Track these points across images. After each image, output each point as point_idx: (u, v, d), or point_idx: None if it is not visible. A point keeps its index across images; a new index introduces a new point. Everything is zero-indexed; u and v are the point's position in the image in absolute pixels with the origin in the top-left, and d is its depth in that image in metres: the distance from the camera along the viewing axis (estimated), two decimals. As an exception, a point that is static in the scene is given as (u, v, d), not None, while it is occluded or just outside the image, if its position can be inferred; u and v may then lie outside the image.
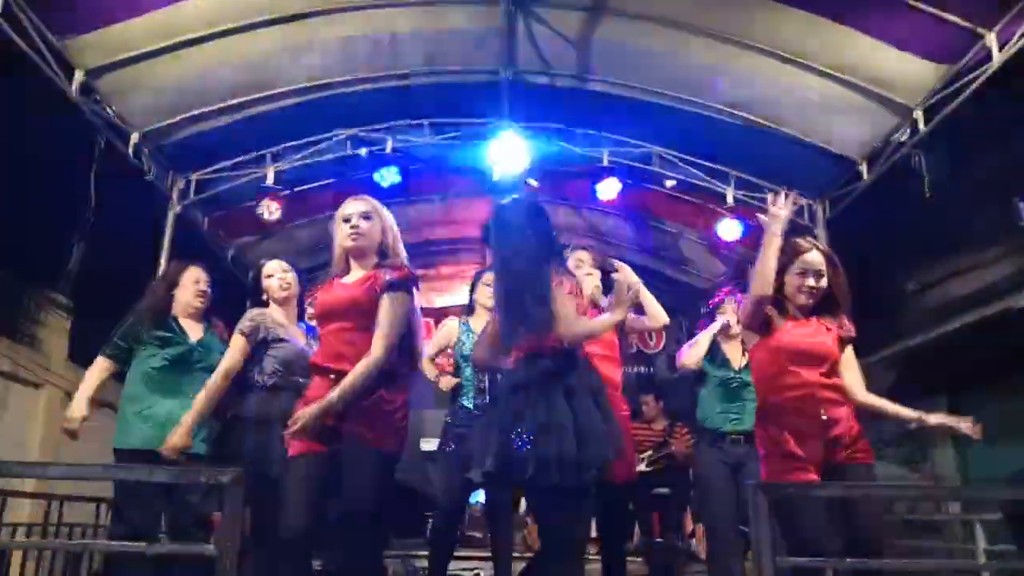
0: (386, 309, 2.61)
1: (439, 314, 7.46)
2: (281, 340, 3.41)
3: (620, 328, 3.48)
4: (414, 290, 2.72)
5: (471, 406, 3.78)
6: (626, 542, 3.51)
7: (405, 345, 2.67)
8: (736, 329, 3.91)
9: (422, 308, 2.91)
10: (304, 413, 2.48)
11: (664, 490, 6.27)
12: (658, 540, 6.23)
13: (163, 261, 5.78)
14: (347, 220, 2.75)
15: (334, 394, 2.49)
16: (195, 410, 3.15)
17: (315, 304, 2.89)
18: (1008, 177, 5.41)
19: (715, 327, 3.96)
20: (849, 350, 2.88)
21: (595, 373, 2.68)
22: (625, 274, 3.33)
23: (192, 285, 3.61)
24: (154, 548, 1.89)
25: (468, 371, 3.85)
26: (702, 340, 3.94)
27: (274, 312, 3.53)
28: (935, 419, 2.82)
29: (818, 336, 2.78)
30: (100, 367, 3.71)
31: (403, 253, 2.80)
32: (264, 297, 3.58)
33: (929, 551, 5.83)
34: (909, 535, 6.09)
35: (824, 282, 2.84)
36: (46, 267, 6.87)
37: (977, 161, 5.63)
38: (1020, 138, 5.19)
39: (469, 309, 4.07)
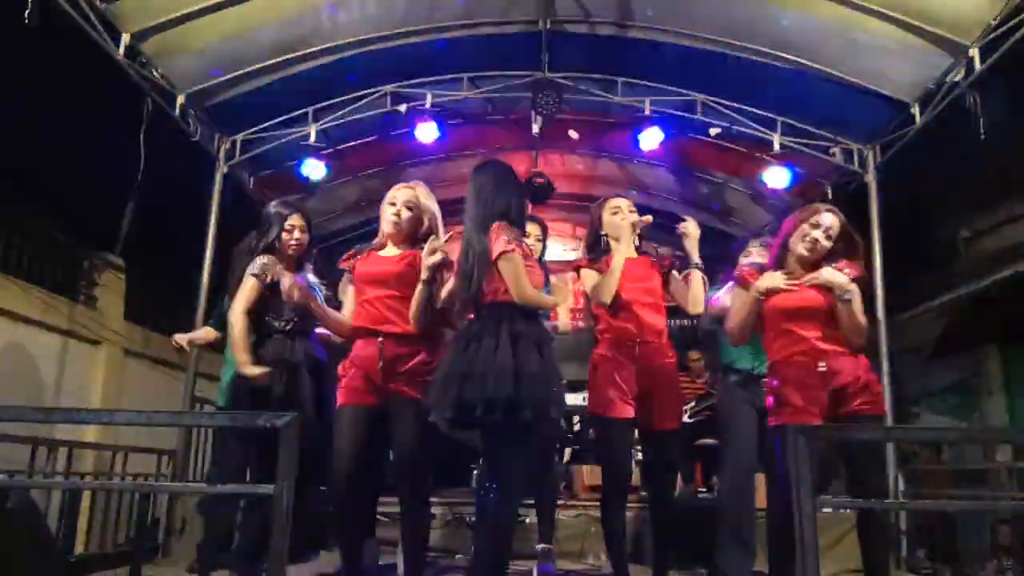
0: (417, 295, 2.92)
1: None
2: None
3: (665, 280, 3.49)
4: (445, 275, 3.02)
5: None
6: (671, 490, 3.53)
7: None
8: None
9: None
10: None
11: (709, 441, 6.31)
12: (701, 489, 6.29)
13: (212, 222, 5.91)
14: (392, 204, 3.09)
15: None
16: (241, 350, 3.26)
17: (355, 272, 3.13)
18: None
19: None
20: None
21: (542, 327, 2.92)
22: (691, 227, 3.50)
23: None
24: (213, 489, 2.00)
25: None
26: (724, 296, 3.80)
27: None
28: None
29: (806, 292, 2.94)
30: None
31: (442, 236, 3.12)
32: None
33: (978, 514, 5.78)
34: (955, 484, 6.02)
35: (828, 244, 2.98)
36: (101, 229, 7.11)
37: (1037, 101, 5.41)
38: (1083, 75, 4.97)
39: None
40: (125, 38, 4.88)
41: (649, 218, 3.47)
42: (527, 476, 3.06)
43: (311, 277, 3.50)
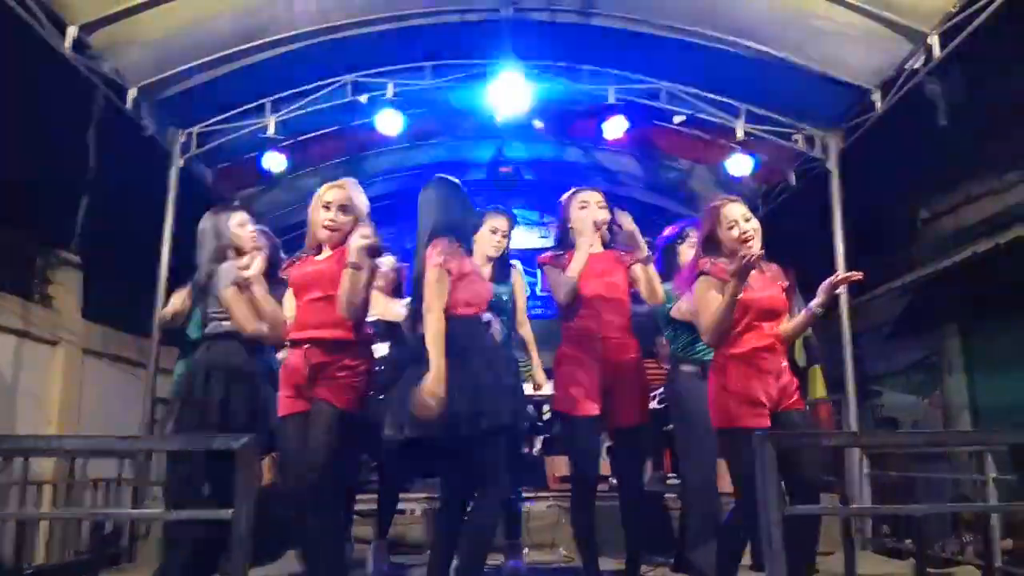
0: (343, 279, 2.88)
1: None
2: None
3: (628, 269, 3.45)
4: (375, 266, 3.05)
5: None
6: (639, 484, 3.53)
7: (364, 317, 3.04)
8: None
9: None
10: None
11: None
12: (670, 475, 6.34)
13: (169, 216, 5.76)
14: (326, 208, 3.03)
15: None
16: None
17: (291, 280, 3.08)
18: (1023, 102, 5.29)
19: None
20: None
21: (489, 335, 3.01)
22: (625, 221, 3.40)
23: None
24: (168, 515, 1.94)
25: None
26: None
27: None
28: (822, 294, 2.95)
29: (771, 290, 2.99)
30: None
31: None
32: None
33: (938, 483, 5.92)
34: (918, 466, 6.16)
35: (755, 223, 2.98)
36: (56, 227, 6.90)
37: (992, 87, 5.49)
38: (1038, 62, 5.05)
39: None
40: (72, 31, 4.71)
41: (606, 234, 3.45)
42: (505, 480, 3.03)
43: None
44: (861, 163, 6.18)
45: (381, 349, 3.84)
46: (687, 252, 3.73)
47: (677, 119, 6.38)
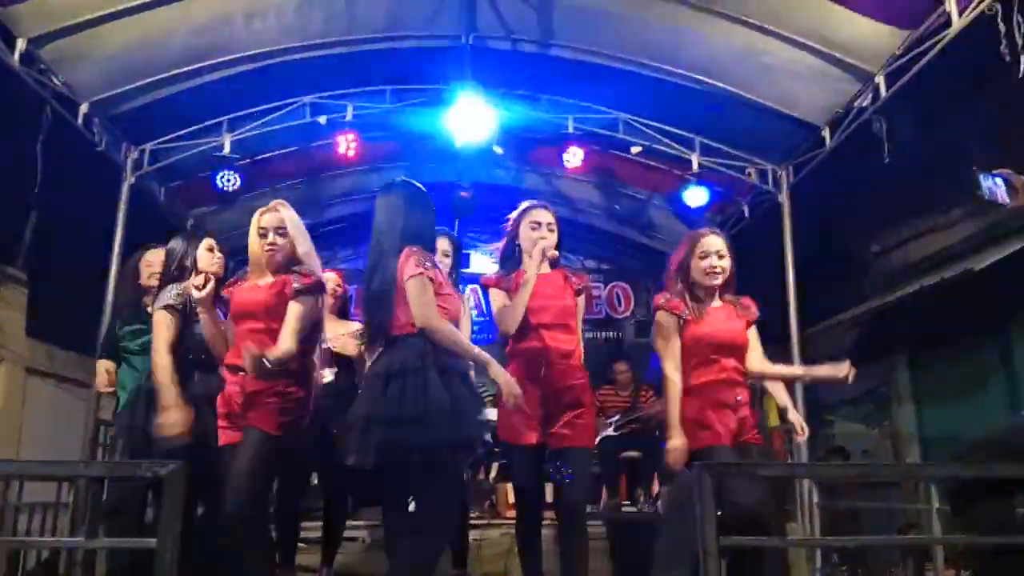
0: (293, 310, 2.89)
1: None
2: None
3: (577, 295, 3.37)
4: (321, 296, 3.06)
5: None
6: (580, 511, 3.41)
7: (308, 345, 3.00)
8: None
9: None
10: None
11: (634, 453, 6.38)
12: (625, 502, 6.35)
13: (119, 232, 5.66)
14: (263, 234, 3.00)
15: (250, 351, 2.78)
16: (169, 393, 3.13)
17: (230, 305, 3.06)
18: (967, 141, 5.45)
19: None
20: (754, 329, 3.17)
21: (455, 357, 2.79)
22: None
23: (146, 270, 3.58)
24: (92, 543, 1.86)
25: None
26: None
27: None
28: (819, 371, 3.16)
29: (733, 324, 3.07)
30: (104, 368, 3.76)
31: (315, 261, 3.09)
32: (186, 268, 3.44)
33: (885, 512, 5.99)
34: (867, 493, 6.23)
35: (727, 262, 3.07)
36: (1, 243, 6.70)
37: (937, 126, 5.66)
38: (978, 103, 5.22)
39: None
40: (20, 44, 4.62)
41: (555, 254, 3.33)
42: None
43: None
44: (811, 197, 6.33)
45: (327, 375, 3.81)
46: None
47: (635, 150, 6.48)
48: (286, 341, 2.84)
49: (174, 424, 3.04)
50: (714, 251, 3.05)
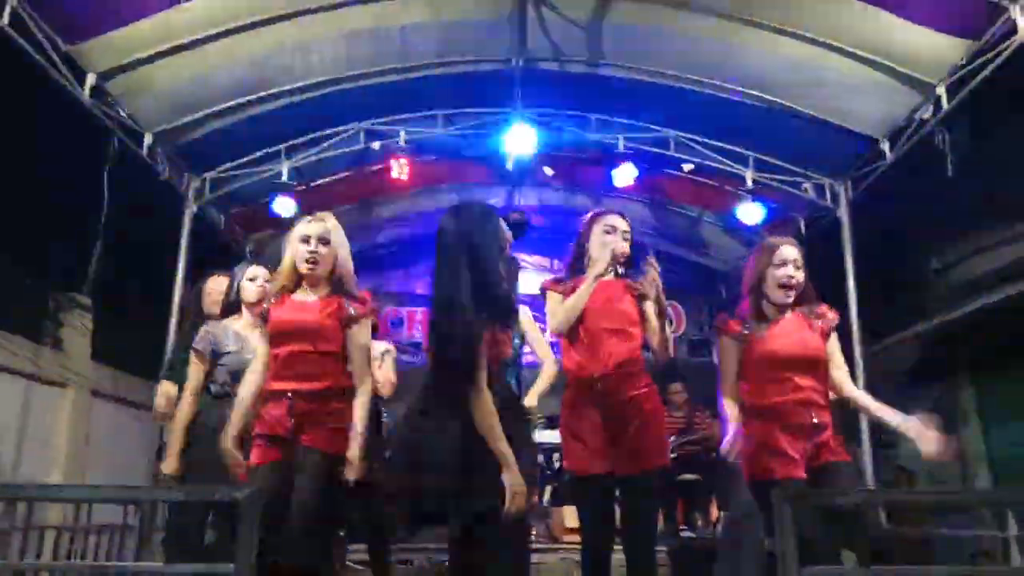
0: (358, 342, 2.80)
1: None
2: (228, 352, 3.34)
3: (641, 300, 3.07)
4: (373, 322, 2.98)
5: None
6: (650, 543, 3.22)
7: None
8: None
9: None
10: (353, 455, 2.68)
11: (691, 476, 6.24)
12: (682, 527, 6.22)
13: (182, 260, 5.81)
14: (306, 240, 2.81)
15: (360, 427, 2.72)
16: (176, 435, 3.23)
17: (270, 321, 2.82)
18: (1034, 152, 5.29)
19: None
20: (834, 339, 2.86)
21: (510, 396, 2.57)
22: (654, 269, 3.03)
23: (207, 298, 3.65)
24: (172, 568, 1.89)
25: None
26: None
27: (234, 321, 3.44)
28: (905, 428, 2.77)
29: (805, 336, 2.79)
30: (164, 391, 3.72)
31: (353, 279, 2.90)
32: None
33: (957, 537, 5.76)
34: (936, 518, 6.01)
35: (802, 275, 2.84)
36: (68, 269, 6.94)
37: (1001, 137, 5.50)
38: (1047, 112, 5.06)
39: None
40: (90, 78, 4.82)
41: (627, 252, 3.05)
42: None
43: None
44: (871, 211, 6.18)
45: None
46: None
47: (686, 167, 6.42)
48: (365, 376, 2.80)
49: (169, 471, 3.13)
50: (791, 260, 2.82)
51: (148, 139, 5.46)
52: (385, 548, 4.03)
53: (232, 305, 3.42)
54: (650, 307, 3.02)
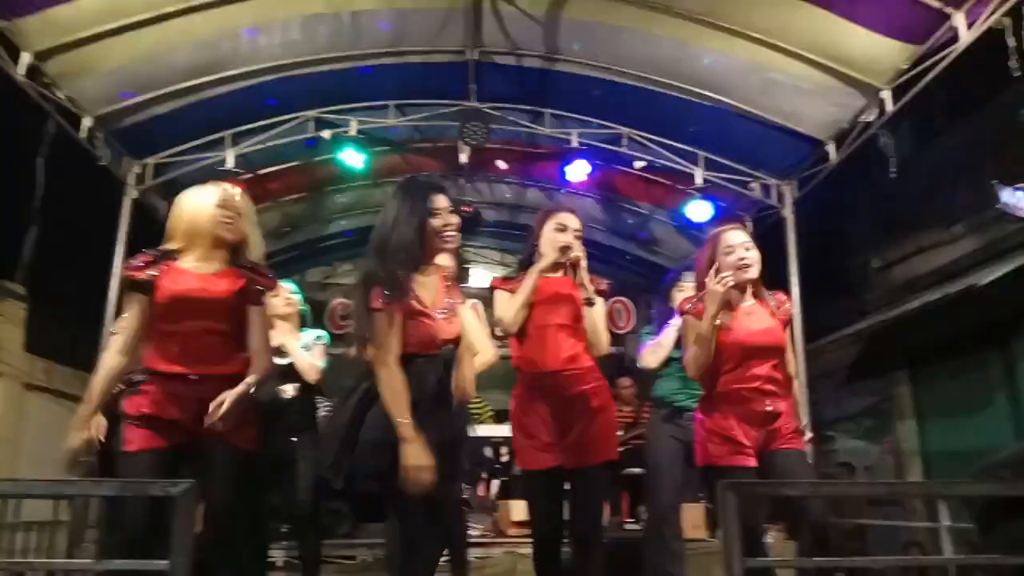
0: (260, 323, 2.65)
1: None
2: None
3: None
4: None
5: None
6: (596, 539, 3.24)
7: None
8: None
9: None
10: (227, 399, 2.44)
11: (636, 470, 6.31)
12: (628, 520, 6.28)
13: (120, 249, 5.61)
14: (222, 207, 2.63)
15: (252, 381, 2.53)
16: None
17: (162, 291, 2.52)
18: (972, 156, 5.47)
19: (675, 328, 3.73)
20: (788, 328, 2.92)
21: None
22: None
23: None
24: (98, 565, 1.80)
25: None
26: (664, 342, 3.82)
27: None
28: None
29: (766, 326, 2.83)
30: None
31: (259, 251, 2.79)
32: None
33: (891, 528, 5.96)
34: (871, 511, 6.19)
35: (755, 253, 2.87)
36: (0, 257, 6.66)
37: (943, 141, 5.67)
38: (984, 118, 5.23)
39: None
40: (25, 57, 4.60)
41: (578, 256, 3.01)
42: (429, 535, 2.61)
43: None
44: (815, 212, 6.32)
45: (288, 390, 3.77)
46: (678, 297, 3.69)
47: (638, 164, 6.47)
48: (265, 357, 2.65)
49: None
50: (739, 243, 2.85)
51: (87, 122, 5.23)
52: (317, 547, 3.96)
53: None
54: (594, 310, 3.02)
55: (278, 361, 3.79)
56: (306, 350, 3.86)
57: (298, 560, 3.98)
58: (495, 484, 6.41)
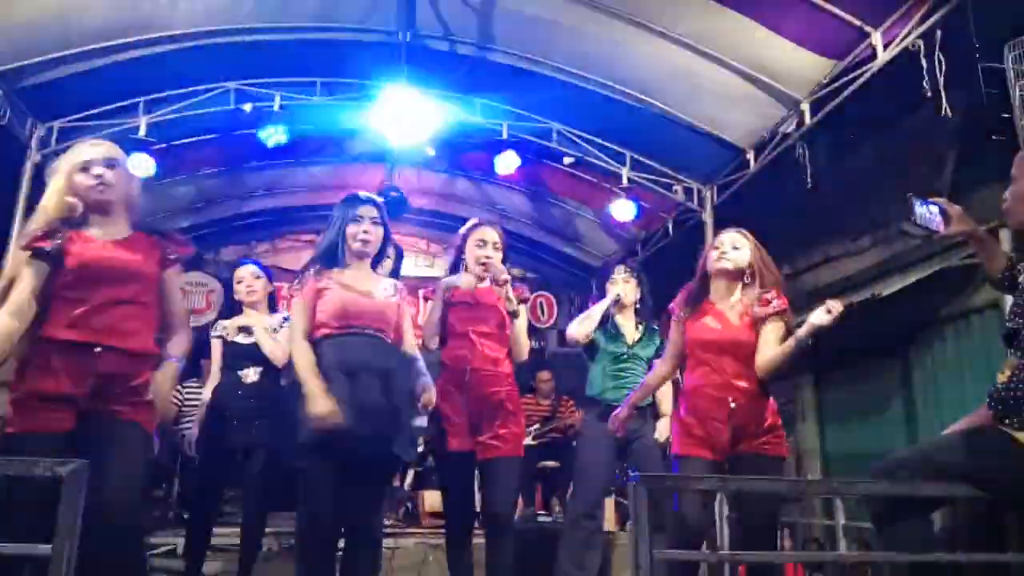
0: (176, 291, 2.62)
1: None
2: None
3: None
4: None
5: None
6: (507, 523, 3.37)
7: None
8: (629, 300, 4.04)
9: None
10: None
11: (551, 463, 6.37)
12: (541, 512, 6.33)
13: (19, 215, 5.27)
14: (86, 168, 2.39)
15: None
16: None
17: (72, 257, 2.33)
18: (882, 172, 5.70)
19: (607, 301, 3.99)
20: (774, 326, 2.90)
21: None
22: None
23: None
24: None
25: None
26: (594, 313, 3.96)
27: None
28: (808, 327, 2.88)
29: (729, 322, 2.90)
30: None
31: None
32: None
33: (790, 525, 6.19)
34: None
35: (740, 253, 2.95)
36: None
37: (854, 155, 5.90)
38: (895, 135, 5.46)
39: None
40: (-82, 5, 4.27)
41: (505, 278, 3.20)
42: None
43: None
44: (732, 217, 6.47)
45: (251, 375, 3.76)
46: (611, 289, 4.02)
47: (567, 160, 6.50)
48: (187, 331, 2.58)
49: None
50: (725, 241, 2.99)
51: (-13, 78, 4.90)
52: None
53: None
54: (517, 322, 3.31)
55: (241, 341, 3.75)
56: (275, 333, 3.82)
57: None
58: (409, 474, 6.34)
